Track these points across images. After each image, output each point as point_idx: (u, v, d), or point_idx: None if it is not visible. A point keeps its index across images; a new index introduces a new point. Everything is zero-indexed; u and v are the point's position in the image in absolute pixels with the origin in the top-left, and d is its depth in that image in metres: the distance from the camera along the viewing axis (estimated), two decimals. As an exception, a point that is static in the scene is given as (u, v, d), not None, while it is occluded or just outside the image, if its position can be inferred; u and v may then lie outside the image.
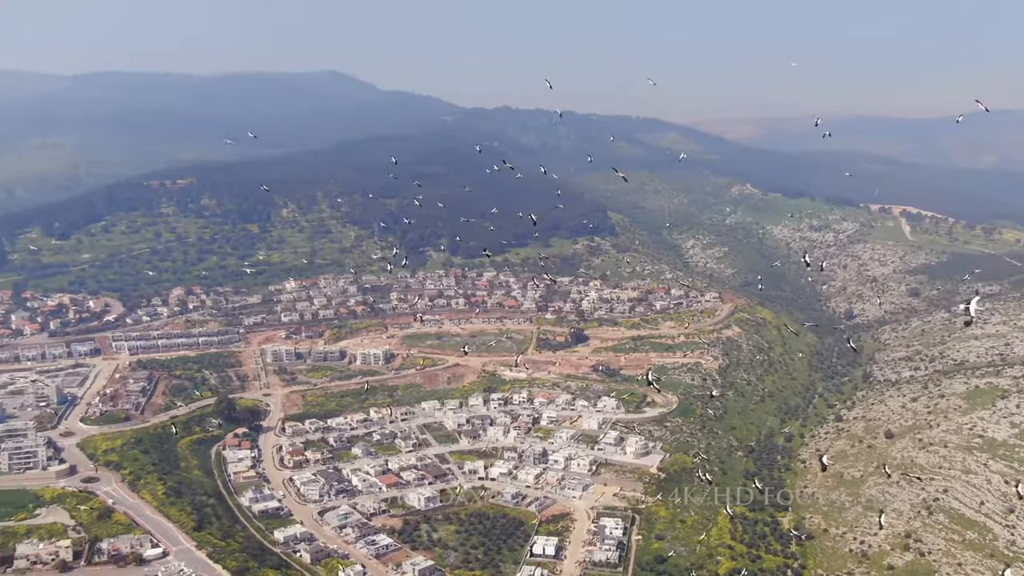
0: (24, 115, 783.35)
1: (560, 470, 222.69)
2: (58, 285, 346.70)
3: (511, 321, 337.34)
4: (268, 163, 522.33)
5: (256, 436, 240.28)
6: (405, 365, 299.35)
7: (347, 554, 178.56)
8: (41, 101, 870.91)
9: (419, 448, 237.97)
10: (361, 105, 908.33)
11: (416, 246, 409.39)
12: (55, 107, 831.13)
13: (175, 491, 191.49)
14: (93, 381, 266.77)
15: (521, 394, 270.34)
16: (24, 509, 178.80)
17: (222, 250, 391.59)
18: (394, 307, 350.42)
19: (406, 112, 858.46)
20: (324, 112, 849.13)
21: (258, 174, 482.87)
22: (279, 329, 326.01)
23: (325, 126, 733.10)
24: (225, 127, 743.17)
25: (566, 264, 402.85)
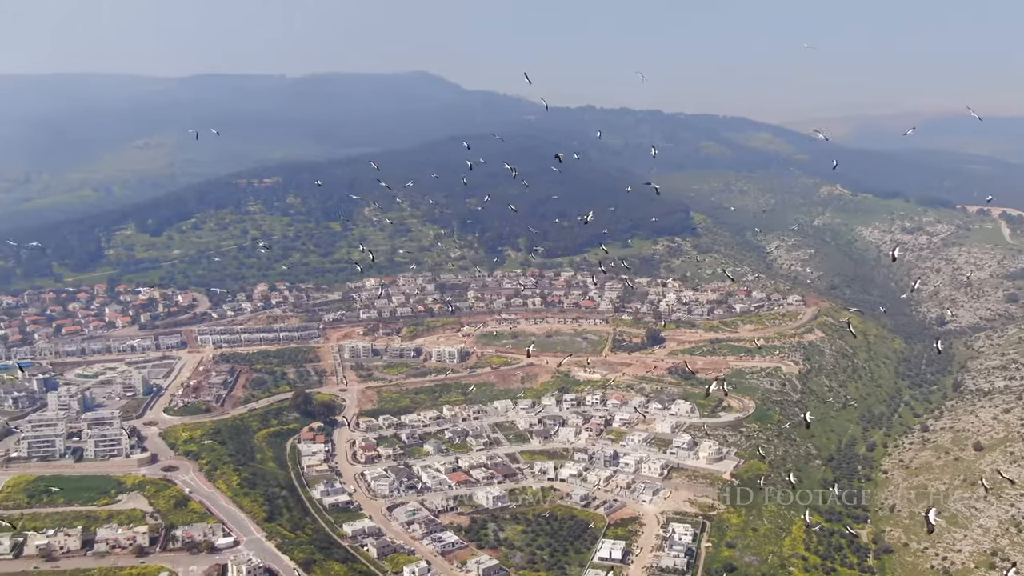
0: (129, 116, 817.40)
1: (631, 473, 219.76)
2: (149, 280, 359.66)
3: (587, 321, 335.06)
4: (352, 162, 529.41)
5: (331, 430, 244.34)
6: (479, 364, 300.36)
7: (413, 550, 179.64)
8: (145, 103, 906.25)
9: (490, 447, 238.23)
10: (446, 105, 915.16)
11: (494, 245, 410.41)
12: (158, 109, 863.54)
13: (249, 482, 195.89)
14: (178, 373, 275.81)
15: (594, 395, 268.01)
16: (106, 495, 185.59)
17: (305, 247, 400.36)
18: (471, 306, 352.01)
19: (490, 112, 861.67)
20: (410, 112, 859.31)
21: (342, 173, 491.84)
22: (357, 326, 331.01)
23: (410, 126, 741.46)
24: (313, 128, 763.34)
25: (645, 265, 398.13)
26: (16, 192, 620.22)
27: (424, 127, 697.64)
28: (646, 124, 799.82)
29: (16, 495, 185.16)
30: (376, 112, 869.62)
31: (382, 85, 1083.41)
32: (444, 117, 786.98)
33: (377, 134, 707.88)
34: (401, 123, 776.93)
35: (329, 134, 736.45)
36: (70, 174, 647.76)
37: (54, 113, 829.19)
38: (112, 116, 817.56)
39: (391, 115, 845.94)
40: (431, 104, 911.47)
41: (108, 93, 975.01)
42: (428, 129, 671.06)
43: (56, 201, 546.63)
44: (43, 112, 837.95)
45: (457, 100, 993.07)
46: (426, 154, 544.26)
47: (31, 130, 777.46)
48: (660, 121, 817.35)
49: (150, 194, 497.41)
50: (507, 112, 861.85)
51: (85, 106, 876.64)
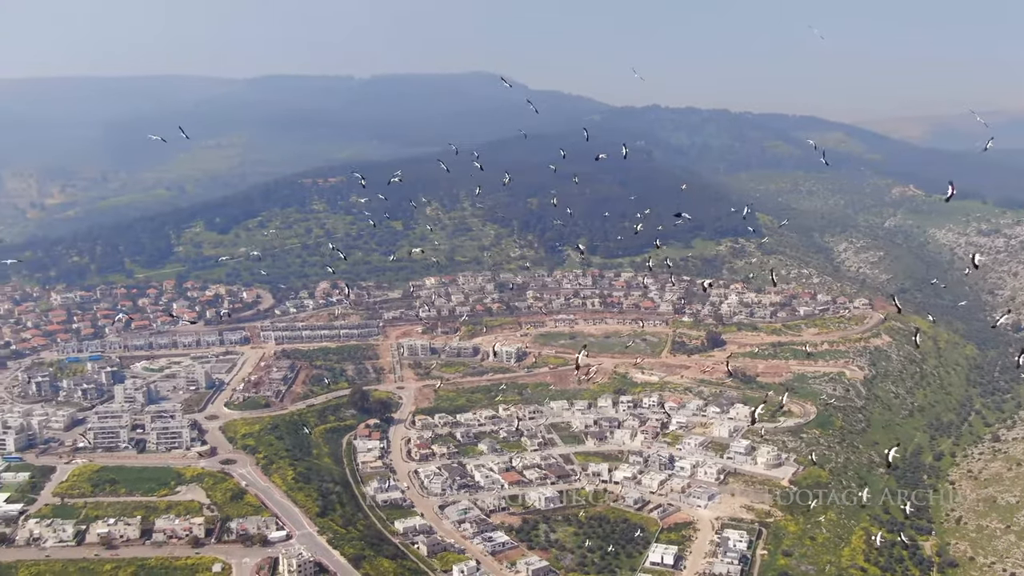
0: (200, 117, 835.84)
1: (686, 477, 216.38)
2: (216, 276, 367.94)
3: (647, 323, 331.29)
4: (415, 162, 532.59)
5: (387, 428, 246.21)
6: (537, 364, 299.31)
7: (463, 549, 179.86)
8: (216, 104, 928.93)
9: (544, 447, 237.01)
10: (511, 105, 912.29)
11: (554, 245, 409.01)
12: (228, 110, 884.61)
13: (304, 477, 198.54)
14: (240, 368, 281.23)
15: (651, 397, 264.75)
16: (166, 486, 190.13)
17: (367, 246, 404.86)
18: (529, 305, 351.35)
19: (555, 111, 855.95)
20: (474, 112, 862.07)
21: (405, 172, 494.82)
22: (416, 324, 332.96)
23: (474, 126, 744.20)
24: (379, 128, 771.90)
25: (707, 266, 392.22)
26: (94, 191, 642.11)
27: (488, 127, 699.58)
28: (712, 123, 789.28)
29: (81, 484, 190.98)
30: (441, 112, 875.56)
31: (448, 85, 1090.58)
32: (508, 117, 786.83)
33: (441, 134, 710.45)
34: (465, 123, 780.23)
35: (394, 134, 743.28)
36: (145, 173, 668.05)
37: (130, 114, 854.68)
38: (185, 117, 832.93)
39: (456, 115, 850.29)
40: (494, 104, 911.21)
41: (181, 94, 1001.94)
42: (492, 129, 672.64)
43: (131, 199, 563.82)
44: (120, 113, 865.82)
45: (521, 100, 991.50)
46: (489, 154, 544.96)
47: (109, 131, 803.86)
48: (727, 120, 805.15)
49: (220, 193, 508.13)
50: (571, 111, 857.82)
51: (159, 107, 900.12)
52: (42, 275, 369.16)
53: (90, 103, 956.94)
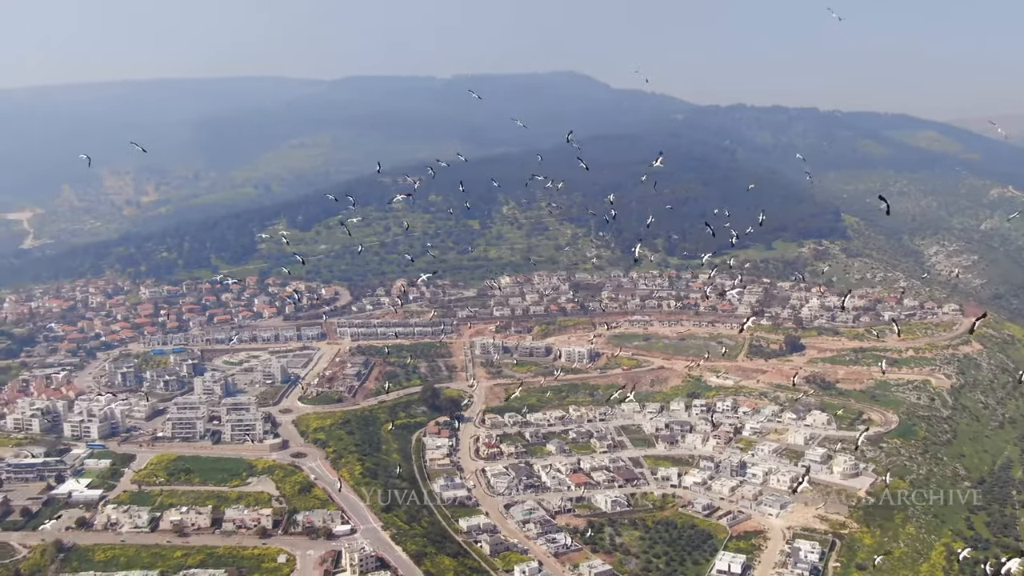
0: (287, 117, 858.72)
1: (758, 484, 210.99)
2: (296, 273, 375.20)
3: (723, 325, 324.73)
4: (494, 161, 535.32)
5: (456, 425, 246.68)
6: (609, 365, 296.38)
7: (526, 549, 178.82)
8: (303, 104, 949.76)
9: (613, 450, 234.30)
10: (593, 104, 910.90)
11: (631, 245, 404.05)
12: (315, 110, 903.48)
13: (371, 472, 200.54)
14: (315, 363, 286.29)
15: (725, 402, 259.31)
16: (238, 477, 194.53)
17: (444, 244, 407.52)
18: (604, 306, 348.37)
19: (637, 110, 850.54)
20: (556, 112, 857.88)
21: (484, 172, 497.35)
22: (490, 323, 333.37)
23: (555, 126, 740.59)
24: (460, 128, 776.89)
25: (788, 268, 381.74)
26: (186, 189, 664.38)
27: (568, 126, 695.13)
28: (799, 122, 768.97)
29: (158, 472, 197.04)
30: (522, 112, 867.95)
31: (530, 85, 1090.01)
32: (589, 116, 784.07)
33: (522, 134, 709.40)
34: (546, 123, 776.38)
35: (475, 134, 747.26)
36: (234, 172, 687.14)
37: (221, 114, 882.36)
38: (272, 117, 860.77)
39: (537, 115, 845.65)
40: (577, 104, 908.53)
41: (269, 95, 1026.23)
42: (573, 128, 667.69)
43: (220, 197, 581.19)
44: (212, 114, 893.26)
45: (604, 99, 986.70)
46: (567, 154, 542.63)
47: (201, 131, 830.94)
48: (815, 119, 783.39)
49: (304, 191, 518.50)
50: (654, 110, 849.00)
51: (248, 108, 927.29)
52: (133, 270, 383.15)
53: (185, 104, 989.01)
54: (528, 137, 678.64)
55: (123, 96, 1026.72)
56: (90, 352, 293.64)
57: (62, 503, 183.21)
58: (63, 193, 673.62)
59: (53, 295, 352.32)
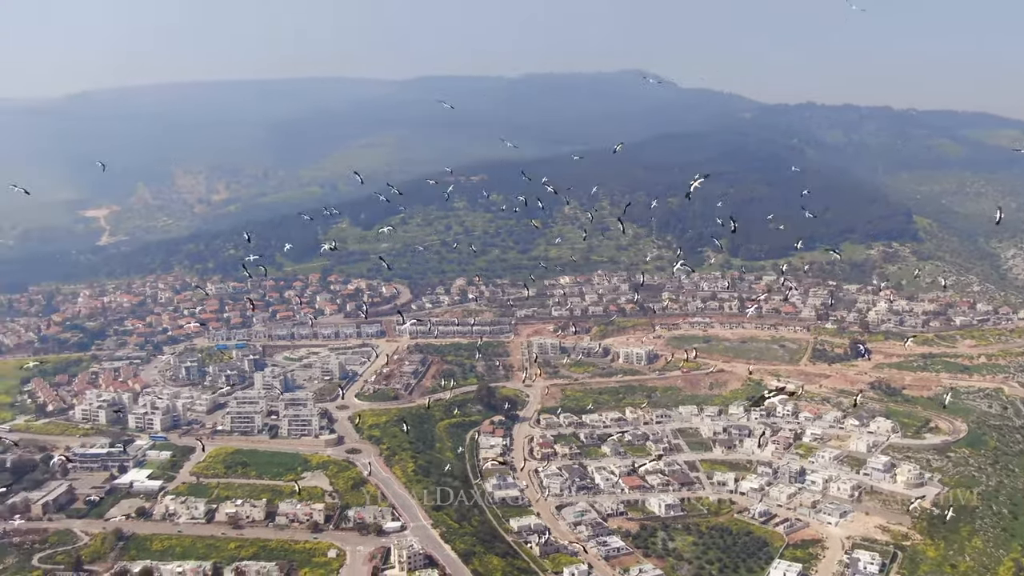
0: (355, 117, 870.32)
1: (817, 492, 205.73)
2: (358, 271, 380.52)
3: (786, 328, 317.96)
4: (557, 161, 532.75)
5: (511, 425, 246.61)
6: (668, 367, 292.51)
7: (576, 552, 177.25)
8: (371, 104, 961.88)
9: (669, 453, 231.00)
10: (659, 103, 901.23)
11: (694, 246, 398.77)
12: (383, 110, 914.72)
13: (424, 470, 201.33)
14: (374, 360, 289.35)
15: (786, 407, 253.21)
16: (293, 471, 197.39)
17: (504, 244, 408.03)
18: (664, 307, 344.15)
19: (704, 109, 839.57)
20: (622, 111, 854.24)
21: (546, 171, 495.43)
22: (548, 323, 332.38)
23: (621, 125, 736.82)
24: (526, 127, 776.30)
25: (856, 270, 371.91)
26: (255, 187, 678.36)
27: (635, 126, 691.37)
28: (872, 121, 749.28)
29: (216, 465, 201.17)
30: (589, 111, 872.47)
31: (597, 84, 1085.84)
32: (655, 116, 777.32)
33: (588, 133, 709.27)
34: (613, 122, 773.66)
35: (541, 133, 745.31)
36: (302, 171, 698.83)
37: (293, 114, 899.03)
38: (342, 117, 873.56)
39: (604, 114, 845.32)
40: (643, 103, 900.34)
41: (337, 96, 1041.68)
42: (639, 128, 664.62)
43: (287, 196, 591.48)
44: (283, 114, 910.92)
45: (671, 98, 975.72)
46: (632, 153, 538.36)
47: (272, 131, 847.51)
48: (888, 118, 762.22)
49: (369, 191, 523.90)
50: (721, 109, 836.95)
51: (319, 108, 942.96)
52: (201, 266, 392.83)
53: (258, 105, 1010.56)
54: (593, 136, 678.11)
55: (197, 97, 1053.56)
56: (157, 346, 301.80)
57: (123, 493, 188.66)
58: (138, 191, 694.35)
59: (125, 290, 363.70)
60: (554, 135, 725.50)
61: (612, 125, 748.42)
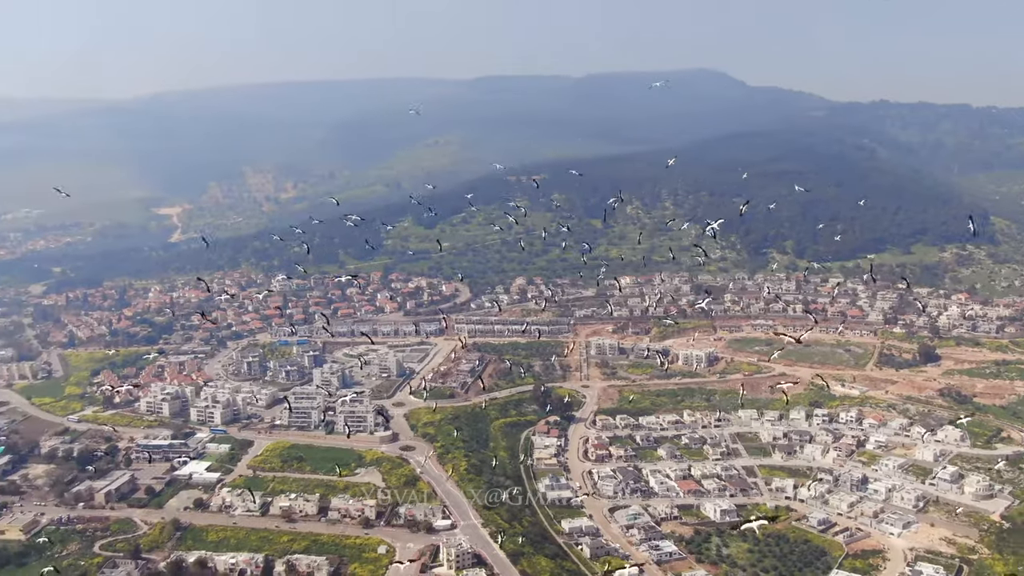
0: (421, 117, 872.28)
1: (879, 501, 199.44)
2: (419, 269, 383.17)
3: (852, 332, 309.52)
4: (620, 160, 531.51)
5: (567, 426, 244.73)
6: (728, 370, 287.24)
7: (628, 555, 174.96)
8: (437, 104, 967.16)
9: (727, 457, 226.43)
10: (728, 103, 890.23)
11: (759, 247, 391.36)
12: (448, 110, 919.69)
13: (476, 468, 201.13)
14: (431, 358, 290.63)
15: (850, 413, 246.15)
16: (347, 467, 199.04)
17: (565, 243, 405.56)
18: (726, 309, 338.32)
19: (773, 108, 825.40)
20: (689, 110, 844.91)
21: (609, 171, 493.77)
22: (608, 323, 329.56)
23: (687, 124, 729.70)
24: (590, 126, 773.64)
25: (927, 273, 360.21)
26: (321, 186, 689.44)
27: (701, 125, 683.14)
28: (948, 119, 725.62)
29: (272, 459, 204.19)
30: (655, 110, 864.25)
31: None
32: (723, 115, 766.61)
33: (653, 133, 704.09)
34: (679, 121, 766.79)
35: (605, 133, 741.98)
36: (368, 171, 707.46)
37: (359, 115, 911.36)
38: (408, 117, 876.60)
39: (670, 113, 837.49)
40: (711, 103, 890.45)
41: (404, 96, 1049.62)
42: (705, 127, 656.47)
43: (352, 195, 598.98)
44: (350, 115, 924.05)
45: (740, 97, 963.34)
46: (697, 153, 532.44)
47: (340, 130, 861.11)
48: (966, 116, 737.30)
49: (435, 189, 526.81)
50: (791, 108, 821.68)
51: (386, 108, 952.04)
52: (267, 264, 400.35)
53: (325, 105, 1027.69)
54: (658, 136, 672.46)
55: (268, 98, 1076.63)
56: (221, 341, 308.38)
57: (183, 484, 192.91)
58: (210, 190, 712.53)
59: (193, 286, 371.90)
60: (618, 135, 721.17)
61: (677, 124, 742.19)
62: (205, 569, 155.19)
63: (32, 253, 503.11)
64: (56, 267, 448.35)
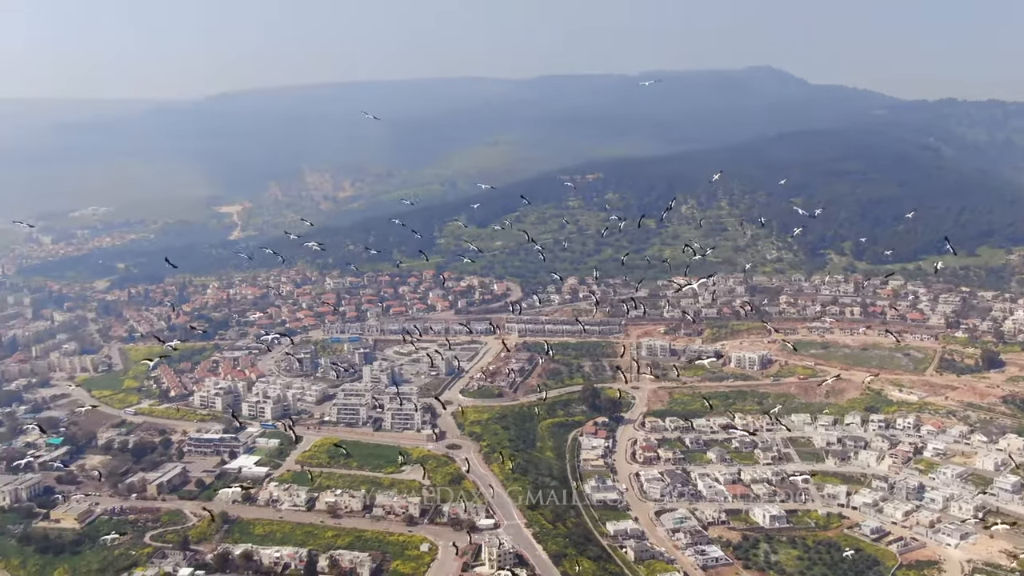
0: (478, 116, 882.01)
1: (936, 511, 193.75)
2: (471, 269, 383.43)
3: (912, 336, 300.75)
4: (676, 159, 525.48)
5: (615, 427, 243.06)
6: (782, 373, 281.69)
7: (673, 559, 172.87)
8: (494, 104, 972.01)
9: (778, 462, 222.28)
10: (788, 101, 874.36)
11: (816, 248, 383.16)
12: (505, 109, 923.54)
13: (521, 468, 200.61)
14: (481, 357, 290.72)
15: (907, 419, 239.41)
16: (393, 464, 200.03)
17: (618, 243, 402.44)
18: (781, 311, 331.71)
19: (835, 106, 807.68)
20: (747, 108, 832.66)
21: (664, 170, 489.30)
22: (660, 324, 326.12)
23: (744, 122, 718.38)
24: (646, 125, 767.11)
25: (992, 276, 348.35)
26: (378, 185, 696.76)
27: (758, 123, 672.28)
28: (1019, 117, 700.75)
29: (319, 455, 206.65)
30: (712, 109, 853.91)
31: (722, 81, 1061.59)
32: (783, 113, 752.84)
33: (708, 131, 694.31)
34: (736, 119, 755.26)
35: (661, 131, 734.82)
36: (425, 170, 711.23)
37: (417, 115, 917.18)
38: (466, 116, 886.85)
39: (727, 111, 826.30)
40: (770, 100, 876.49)
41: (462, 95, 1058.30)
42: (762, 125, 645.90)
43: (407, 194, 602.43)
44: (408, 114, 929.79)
45: (800, 95, 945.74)
46: (751, 152, 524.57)
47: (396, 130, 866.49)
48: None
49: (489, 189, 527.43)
50: (854, 106, 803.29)
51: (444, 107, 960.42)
52: (321, 261, 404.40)
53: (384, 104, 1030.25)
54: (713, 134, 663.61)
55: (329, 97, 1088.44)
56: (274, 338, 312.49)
57: (232, 477, 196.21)
58: (270, 189, 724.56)
59: (249, 283, 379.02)
60: (674, 133, 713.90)
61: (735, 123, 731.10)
62: (250, 562, 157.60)
63: (98, 249, 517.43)
64: (120, 263, 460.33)
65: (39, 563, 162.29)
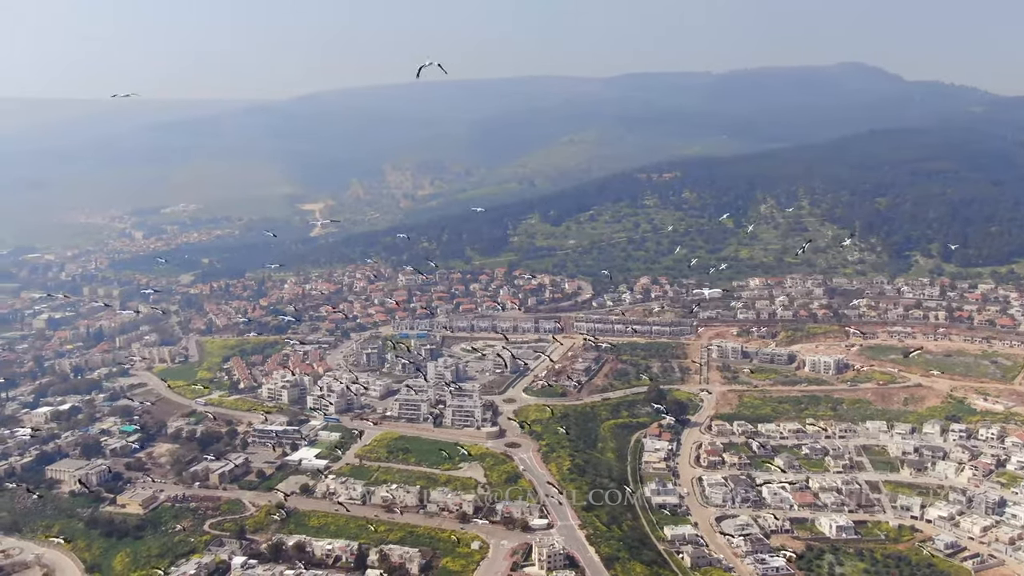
0: (558, 115, 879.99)
1: (1017, 527, 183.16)
2: (543, 267, 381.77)
3: (1000, 343, 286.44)
4: (756, 158, 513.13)
5: (680, 429, 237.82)
6: (859, 378, 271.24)
7: (731, 568, 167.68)
8: (575, 102, 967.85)
9: (849, 470, 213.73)
10: (881, 98, 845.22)
11: (901, 249, 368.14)
12: (586, 107, 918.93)
13: (579, 469, 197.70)
14: (547, 356, 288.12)
15: (991, 429, 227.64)
16: (450, 461, 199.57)
17: (693, 243, 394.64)
18: (861, 314, 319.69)
19: (930, 103, 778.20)
20: (837, 105, 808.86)
21: (744, 169, 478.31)
22: (732, 325, 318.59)
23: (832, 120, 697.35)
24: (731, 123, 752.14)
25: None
26: (457, 183, 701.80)
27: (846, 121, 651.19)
28: None
29: (379, 449, 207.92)
30: (801, 106, 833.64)
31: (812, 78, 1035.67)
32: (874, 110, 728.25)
33: (793, 129, 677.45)
34: (824, 117, 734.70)
35: (746, 129, 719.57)
36: (503, 168, 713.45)
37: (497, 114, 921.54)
38: (546, 115, 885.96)
39: (816, 109, 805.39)
40: (862, 98, 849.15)
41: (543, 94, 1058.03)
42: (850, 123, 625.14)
43: (485, 192, 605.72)
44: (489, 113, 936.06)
45: (894, 92, 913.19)
46: (837, 150, 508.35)
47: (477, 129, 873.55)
48: None
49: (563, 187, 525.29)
50: (950, 103, 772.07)
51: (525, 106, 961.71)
52: (396, 258, 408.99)
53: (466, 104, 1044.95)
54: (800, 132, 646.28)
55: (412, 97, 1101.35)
56: (345, 332, 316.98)
57: (292, 469, 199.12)
58: (352, 187, 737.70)
59: (325, 279, 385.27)
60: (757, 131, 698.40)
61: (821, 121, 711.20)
62: (303, 553, 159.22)
63: (185, 244, 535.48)
64: (205, 258, 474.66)
65: (103, 546, 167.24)
